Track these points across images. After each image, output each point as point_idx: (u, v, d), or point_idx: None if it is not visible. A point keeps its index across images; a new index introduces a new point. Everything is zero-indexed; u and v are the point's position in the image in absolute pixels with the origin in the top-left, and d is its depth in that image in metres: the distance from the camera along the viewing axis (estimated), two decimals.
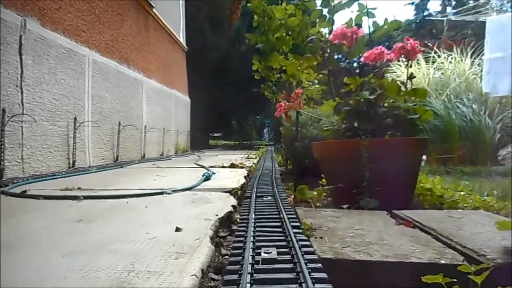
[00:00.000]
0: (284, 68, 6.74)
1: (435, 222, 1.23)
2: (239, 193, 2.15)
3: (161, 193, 1.97)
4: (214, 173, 3.17)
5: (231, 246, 1.07)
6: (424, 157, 4.27)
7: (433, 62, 6.50)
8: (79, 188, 2.23)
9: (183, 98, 8.48)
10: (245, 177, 3.06)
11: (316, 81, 6.95)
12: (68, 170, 3.51)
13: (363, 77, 1.91)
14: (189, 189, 2.19)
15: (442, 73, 6.35)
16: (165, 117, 6.89)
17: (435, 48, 6.68)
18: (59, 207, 1.67)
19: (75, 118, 3.70)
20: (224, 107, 12.06)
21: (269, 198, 1.74)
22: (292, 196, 2.48)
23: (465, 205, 1.90)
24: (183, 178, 2.88)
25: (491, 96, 5.77)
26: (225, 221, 1.45)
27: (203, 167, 3.87)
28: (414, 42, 1.90)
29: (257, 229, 1.13)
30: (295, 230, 1.08)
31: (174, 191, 2.06)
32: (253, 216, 1.31)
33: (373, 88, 1.74)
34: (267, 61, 6.44)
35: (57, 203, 1.77)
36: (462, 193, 2.15)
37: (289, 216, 1.27)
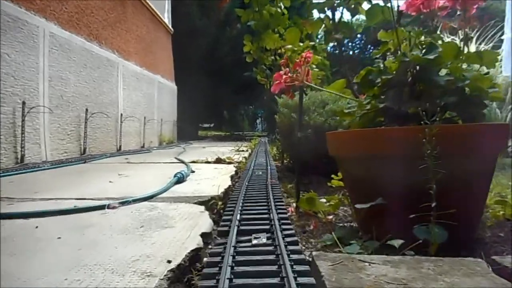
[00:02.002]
0: (279, 50, 6.06)
1: None
2: (219, 206, 1.51)
3: (102, 207, 1.31)
4: (193, 172, 2.51)
5: None
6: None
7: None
8: None
9: (169, 85, 7.77)
10: (232, 176, 2.41)
11: (314, 66, 6.30)
12: (13, 166, 2.83)
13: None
14: (148, 198, 1.54)
15: None
16: (147, 105, 6.19)
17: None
18: None
19: (23, 103, 3.01)
20: (215, 95, 11.35)
21: (263, 222, 1.10)
22: (294, 206, 1.85)
23: None
24: (151, 178, 2.22)
25: None
26: (183, 273, 0.80)
27: (182, 162, 3.21)
28: None
29: None
30: None
31: (123, 202, 1.41)
32: (228, 274, 0.67)
33: (429, 45, 1.09)
34: (260, 41, 5.74)
35: None
36: None
37: (303, 281, 0.64)
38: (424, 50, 1.09)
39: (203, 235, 1.03)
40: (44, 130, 3.34)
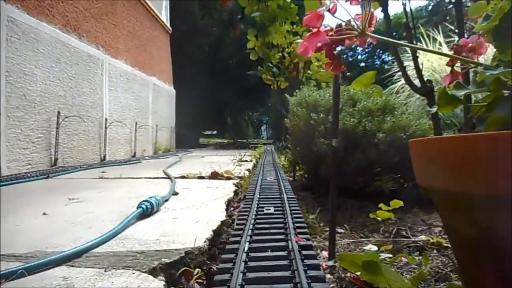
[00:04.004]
0: (287, 49, 5.38)
1: None
2: (198, 273, 0.82)
3: None
4: (175, 194, 1.82)
5: None
6: None
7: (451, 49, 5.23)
8: None
9: (166, 88, 7.11)
10: (229, 201, 1.72)
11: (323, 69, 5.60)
12: None
13: None
14: (64, 261, 0.85)
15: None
16: (139, 109, 5.53)
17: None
18: None
19: None
20: (218, 100, 10.69)
21: None
22: (324, 254, 1.16)
23: None
24: (112, 206, 1.53)
25: None
26: None
27: (169, 178, 2.53)
28: None
29: None
30: None
31: (11, 274, 0.72)
32: None
33: None
34: (266, 36, 5.07)
35: None
36: None
37: None
38: None
39: None
40: None
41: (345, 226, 1.53)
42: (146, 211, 1.28)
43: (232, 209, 1.77)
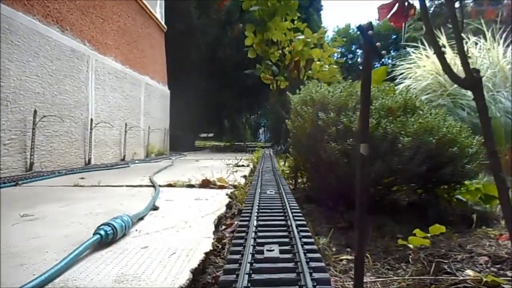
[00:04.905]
0: (287, 48, 5.07)
1: None
2: None
3: None
4: (155, 209, 1.50)
5: None
6: None
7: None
8: None
9: (160, 88, 6.79)
10: (219, 219, 1.40)
11: (327, 67, 5.29)
12: None
13: None
14: None
15: (471, 63, 4.84)
16: (130, 110, 5.20)
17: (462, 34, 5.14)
18: None
19: None
20: (214, 102, 10.36)
21: None
22: None
23: None
24: (70, 229, 1.21)
25: None
26: None
27: (153, 186, 2.20)
28: None
29: None
30: None
31: None
32: None
33: None
34: (265, 33, 4.77)
35: None
36: None
37: None
38: None
39: None
40: None
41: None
42: (106, 238, 0.96)
43: (224, 227, 1.45)
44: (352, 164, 1.48)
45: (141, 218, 1.31)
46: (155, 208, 1.49)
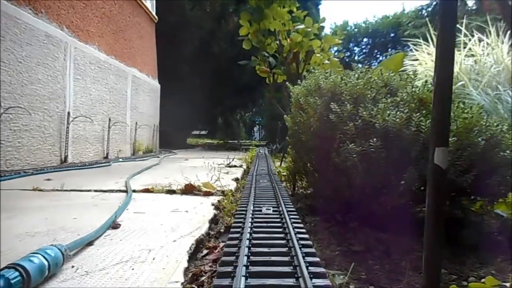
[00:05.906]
0: (284, 40, 4.72)
1: None
2: None
3: None
4: (115, 228, 1.15)
5: None
6: None
7: (463, 48, 4.72)
8: None
9: (149, 82, 6.41)
10: (198, 243, 1.06)
11: (327, 61, 4.95)
12: None
13: None
14: None
15: (474, 61, 4.57)
16: (114, 104, 4.82)
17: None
18: None
19: None
20: (207, 98, 9.97)
21: None
22: None
23: None
24: None
25: None
26: None
27: (126, 192, 1.85)
28: None
29: None
30: None
31: None
32: None
33: None
34: (261, 22, 4.42)
35: None
36: None
37: None
38: None
39: None
40: None
41: None
42: None
43: (205, 252, 1.10)
44: (373, 171, 1.14)
45: (90, 243, 0.96)
46: (115, 226, 1.14)
